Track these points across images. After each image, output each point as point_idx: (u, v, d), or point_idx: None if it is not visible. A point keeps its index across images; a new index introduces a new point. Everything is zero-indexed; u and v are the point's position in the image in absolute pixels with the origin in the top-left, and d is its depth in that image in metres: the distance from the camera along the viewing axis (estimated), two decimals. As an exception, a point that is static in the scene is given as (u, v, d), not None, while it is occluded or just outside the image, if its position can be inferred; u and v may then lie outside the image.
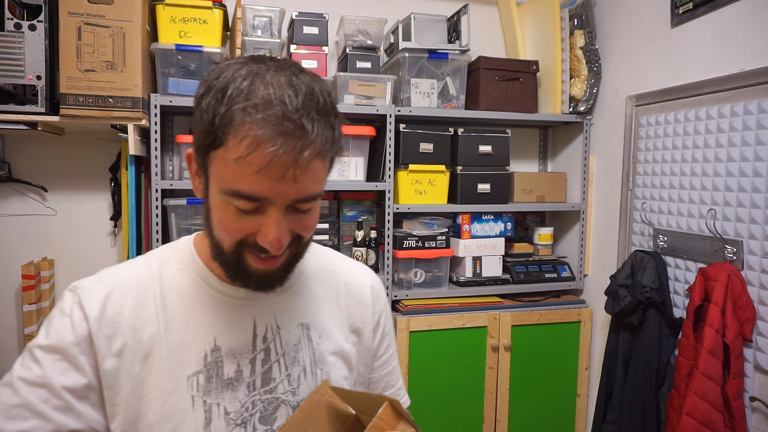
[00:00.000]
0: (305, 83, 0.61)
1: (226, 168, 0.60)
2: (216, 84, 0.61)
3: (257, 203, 0.61)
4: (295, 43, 2.00)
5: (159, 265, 0.74)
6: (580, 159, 2.31)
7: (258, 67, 0.61)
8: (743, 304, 1.48)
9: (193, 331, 0.70)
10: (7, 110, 1.65)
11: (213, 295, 0.73)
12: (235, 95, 0.58)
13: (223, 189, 0.61)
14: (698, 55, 1.71)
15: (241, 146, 0.58)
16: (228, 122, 0.58)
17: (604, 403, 1.94)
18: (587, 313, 2.23)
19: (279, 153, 0.57)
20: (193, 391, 0.68)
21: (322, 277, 0.83)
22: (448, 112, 2.13)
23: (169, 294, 0.71)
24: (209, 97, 0.60)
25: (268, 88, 0.59)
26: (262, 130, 0.57)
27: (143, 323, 0.68)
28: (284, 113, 0.57)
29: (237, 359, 0.71)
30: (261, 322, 0.74)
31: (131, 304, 0.69)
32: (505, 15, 2.45)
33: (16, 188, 2.02)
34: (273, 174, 0.58)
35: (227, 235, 0.64)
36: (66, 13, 1.64)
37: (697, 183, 1.69)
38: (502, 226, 2.25)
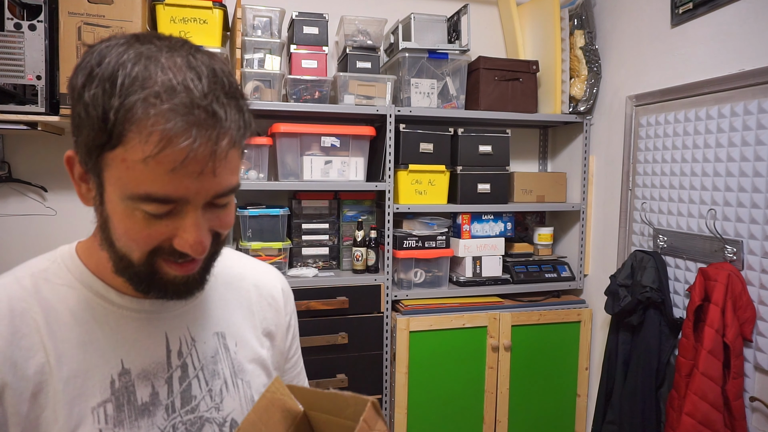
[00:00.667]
0: (205, 64, 0.54)
1: (130, 170, 0.51)
2: (99, 71, 0.51)
3: (171, 205, 0.54)
4: (295, 43, 2.00)
5: (34, 282, 0.62)
6: (580, 159, 2.31)
7: (147, 48, 0.52)
8: (743, 304, 1.48)
9: (93, 356, 0.60)
10: (7, 110, 1.65)
11: (112, 311, 0.63)
12: (128, 84, 0.50)
13: (128, 194, 0.52)
14: (698, 55, 1.71)
15: (149, 144, 0.50)
16: (126, 117, 0.50)
17: (604, 403, 1.94)
18: (587, 313, 2.23)
19: (195, 147, 0.50)
20: (101, 424, 0.59)
21: (232, 281, 0.76)
22: (448, 112, 2.13)
23: (55, 316, 0.60)
24: (93, 87, 0.51)
25: (167, 72, 0.51)
26: (171, 123, 0.50)
27: (24, 354, 0.57)
28: (192, 101, 0.51)
29: (151, 380, 0.63)
30: (173, 335, 0.66)
31: (5, 334, 0.57)
32: (505, 15, 2.45)
33: (15, 188, 2.02)
34: (190, 171, 0.51)
35: (137, 246, 0.56)
36: (66, 13, 1.64)
37: (697, 183, 1.69)
38: (502, 226, 2.25)
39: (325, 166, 2.04)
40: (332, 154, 2.05)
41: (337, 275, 2.05)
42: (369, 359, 2.00)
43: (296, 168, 2.02)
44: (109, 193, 0.55)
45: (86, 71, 0.53)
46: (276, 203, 2.12)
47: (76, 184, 0.60)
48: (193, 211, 0.55)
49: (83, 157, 0.55)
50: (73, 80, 0.54)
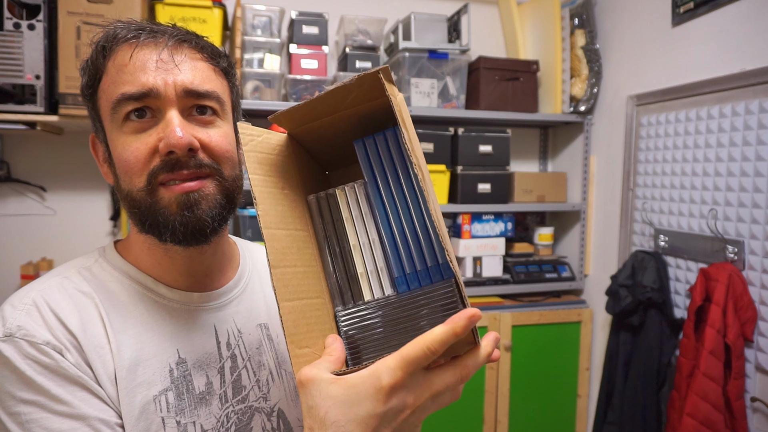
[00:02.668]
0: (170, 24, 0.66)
1: (109, 88, 0.60)
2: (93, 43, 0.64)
3: (146, 101, 0.59)
4: (295, 43, 2.00)
5: (84, 278, 0.63)
6: (580, 159, 2.31)
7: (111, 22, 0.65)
8: (744, 304, 1.48)
9: (150, 346, 0.62)
10: (6, 110, 1.64)
11: (163, 304, 0.65)
12: (98, 41, 0.62)
13: (110, 107, 0.60)
14: (699, 55, 1.71)
15: (125, 55, 0.60)
16: (101, 56, 0.61)
17: (605, 404, 1.93)
18: (588, 313, 2.23)
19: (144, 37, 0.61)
20: (163, 413, 0.60)
21: (267, 275, 0.78)
22: (448, 112, 2.12)
23: (110, 308, 0.61)
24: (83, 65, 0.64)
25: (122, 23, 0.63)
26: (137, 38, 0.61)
27: (98, 343, 0.59)
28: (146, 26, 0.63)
29: (205, 370, 0.65)
30: (221, 327, 0.68)
31: (78, 328, 0.58)
32: (506, 15, 2.44)
33: (14, 188, 2.01)
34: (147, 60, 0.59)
35: (132, 167, 0.59)
36: (65, 12, 1.64)
37: (698, 183, 1.68)
38: (502, 226, 2.25)
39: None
40: (332, 154, 2.05)
41: (337, 275, 2.04)
42: (369, 359, 2.00)
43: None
44: (108, 135, 0.61)
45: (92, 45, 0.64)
46: (276, 203, 2.11)
47: (100, 166, 0.66)
48: (169, 110, 0.59)
49: (93, 120, 0.64)
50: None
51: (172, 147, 0.57)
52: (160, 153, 0.58)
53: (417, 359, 0.42)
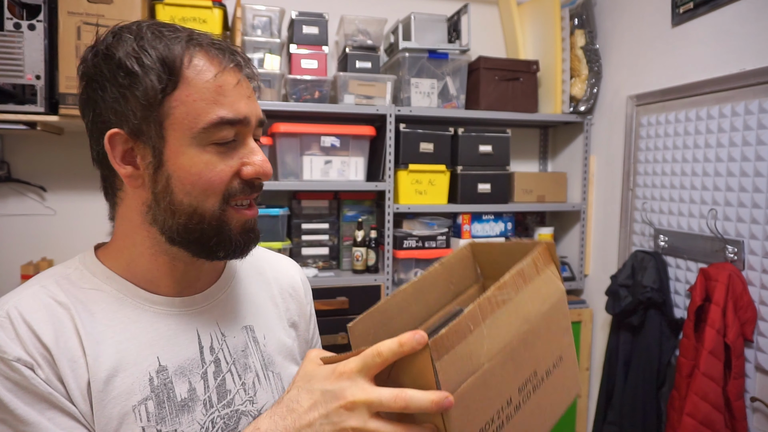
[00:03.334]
0: None
1: (197, 101, 0.58)
2: (132, 37, 0.59)
3: (238, 128, 0.60)
4: (295, 43, 2.00)
5: (62, 288, 0.61)
6: (580, 159, 2.31)
7: (149, 21, 0.62)
8: (744, 304, 1.48)
9: (129, 355, 0.61)
10: (6, 110, 1.64)
11: (144, 309, 0.64)
12: (167, 34, 0.59)
13: (201, 126, 0.58)
14: (699, 55, 1.71)
15: (208, 71, 0.59)
16: (176, 60, 0.58)
17: (605, 404, 1.93)
18: (588, 313, 2.23)
19: (243, 68, 0.61)
20: (143, 422, 0.59)
21: (253, 275, 0.78)
22: (448, 112, 2.12)
23: (87, 317, 0.60)
24: (139, 48, 0.58)
25: (185, 28, 0.61)
26: (216, 50, 0.60)
27: (72, 356, 0.57)
28: (216, 39, 0.61)
29: (187, 376, 0.63)
30: (204, 331, 0.67)
31: (51, 340, 0.57)
32: (505, 15, 2.44)
33: (15, 188, 2.01)
34: (243, 92, 0.61)
35: (212, 189, 0.60)
36: (65, 12, 1.64)
37: (697, 183, 1.69)
38: (502, 226, 2.25)
39: (325, 166, 2.03)
40: (332, 154, 2.05)
41: (337, 275, 2.05)
42: (369, 359, 2.00)
43: (296, 168, 2.01)
44: (173, 144, 0.59)
45: (116, 44, 0.59)
46: (276, 203, 2.11)
47: (120, 167, 0.61)
48: (249, 137, 0.62)
49: (137, 120, 0.58)
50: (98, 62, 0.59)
51: (262, 175, 0.62)
52: (243, 177, 0.62)
53: (367, 358, 0.49)
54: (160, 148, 0.59)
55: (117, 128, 0.59)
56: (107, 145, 0.60)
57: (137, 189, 0.62)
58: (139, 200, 0.62)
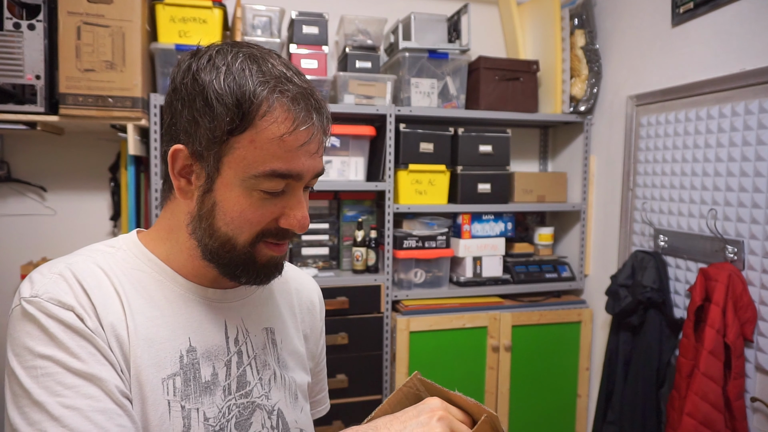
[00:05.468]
0: (292, 64, 0.65)
1: (258, 150, 0.60)
2: (222, 67, 0.60)
3: (287, 182, 0.62)
4: (295, 43, 2.00)
5: (106, 260, 0.65)
6: (580, 159, 2.31)
7: (248, 50, 0.63)
8: (744, 304, 1.48)
9: (164, 330, 0.64)
10: (6, 110, 1.64)
11: (180, 294, 0.68)
12: (256, 73, 0.59)
13: (252, 173, 0.60)
14: (699, 55, 1.71)
15: (283, 125, 0.59)
16: (257, 101, 0.59)
17: (605, 404, 1.94)
18: (587, 313, 2.23)
19: (315, 129, 0.61)
20: (169, 396, 0.62)
21: (278, 284, 0.81)
22: (449, 112, 2.12)
23: (129, 289, 0.64)
24: (222, 80, 0.59)
25: (278, 67, 0.61)
26: (299, 107, 0.60)
27: (117, 319, 0.61)
28: (305, 91, 0.61)
29: (212, 361, 0.67)
30: (231, 324, 0.71)
31: (100, 302, 0.60)
32: (505, 15, 2.44)
33: (15, 188, 2.01)
34: (309, 149, 0.62)
35: (249, 226, 0.63)
36: (65, 12, 1.64)
37: (697, 183, 1.69)
38: (502, 226, 2.25)
39: (325, 166, 2.03)
40: (332, 154, 2.05)
41: (337, 275, 2.05)
42: (369, 359, 2.00)
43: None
44: (225, 178, 0.61)
45: (206, 68, 0.60)
46: (276, 203, 2.11)
47: (175, 179, 0.64)
48: (299, 189, 0.64)
49: (201, 147, 0.61)
50: (187, 79, 0.62)
51: (297, 230, 0.65)
52: (280, 224, 0.64)
53: None
54: (213, 177, 0.62)
55: (183, 145, 0.63)
56: (170, 157, 0.64)
57: (186, 200, 0.66)
58: (187, 208, 0.66)
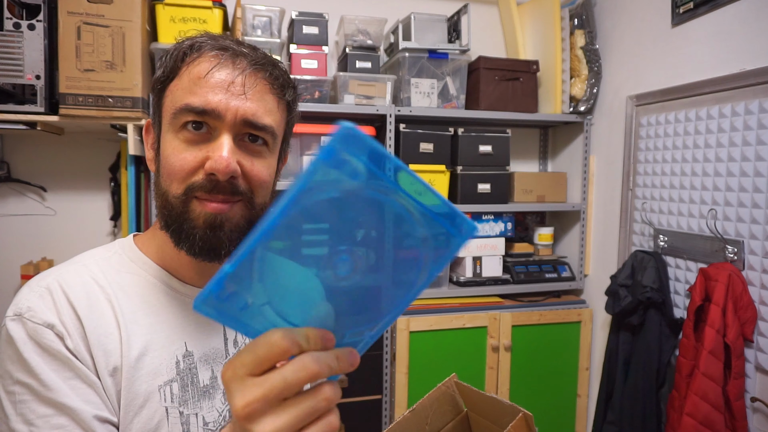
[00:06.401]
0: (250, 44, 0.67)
1: (178, 90, 0.62)
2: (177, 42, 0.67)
3: (205, 118, 0.60)
4: (295, 43, 2.00)
5: (101, 268, 0.65)
6: (580, 159, 2.31)
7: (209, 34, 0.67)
8: (744, 304, 1.48)
9: (160, 336, 0.64)
10: (6, 110, 1.64)
11: (175, 297, 0.67)
12: (188, 40, 0.65)
13: (173, 112, 0.61)
14: (699, 55, 1.71)
15: (204, 65, 0.62)
16: (179, 60, 0.63)
17: (605, 404, 1.93)
18: (587, 313, 2.23)
19: (225, 58, 0.62)
20: (167, 402, 0.62)
21: None
22: (448, 112, 2.12)
23: (123, 297, 0.64)
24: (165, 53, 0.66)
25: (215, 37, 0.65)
26: (224, 53, 0.62)
27: (104, 332, 0.60)
28: (231, 45, 0.64)
29: (210, 365, 0.67)
30: None
31: (86, 314, 0.60)
32: (505, 15, 2.44)
33: (15, 188, 2.01)
34: (220, 81, 0.61)
35: (175, 173, 0.61)
36: (65, 12, 1.64)
37: (697, 183, 1.69)
38: (502, 226, 2.25)
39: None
40: (332, 154, 2.05)
41: (337, 275, 2.04)
42: (369, 360, 2.00)
43: (296, 168, 2.01)
44: (163, 129, 0.63)
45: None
46: (276, 203, 2.11)
47: (147, 152, 0.68)
48: (224, 134, 0.61)
49: (153, 108, 0.66)
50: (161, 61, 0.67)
51: (216, 171, 0.59)
52: (204, 171, 0.60)
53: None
54: (158, 134, 0.65)
55: (150, 119, 0.68)
56: (144, 132, 0.67)
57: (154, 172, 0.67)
58: None
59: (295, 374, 0.36)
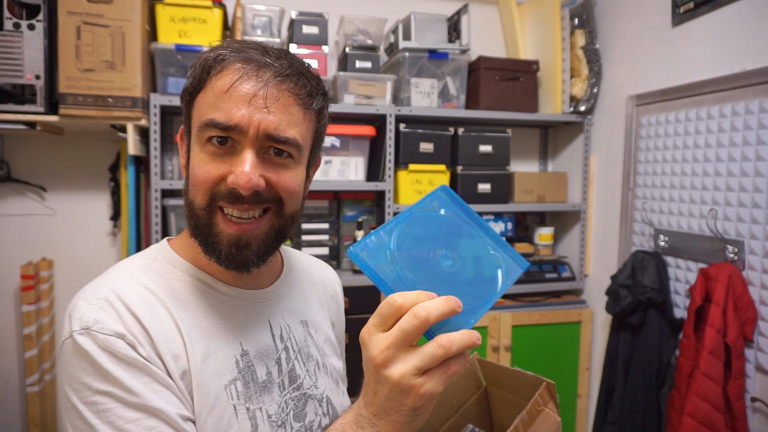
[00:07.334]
0: (280, 49, 0.67)
1: (206, 103, 0.63)
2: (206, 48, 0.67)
3: (229, 133, 0.61)
4: (295, 43, 2.00)
5: (147, 276, 0.66)
6: (580, 159, 2.31)
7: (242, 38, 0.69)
8: (744, 304, 1.48)
9: (217, 339, 0.66)
10: (6, 110, 1.64)
11: (223, 299, 0.69)
12: (213, 50, 0.65)
13: (198, 125, 0.63)
14: (699, 55, 1.71)
15: (229, 77, 0.62)
16: (206, 71, 0.64)
17: (605, 404, 1.93)
18: (588, 313, 2.23)
19: (248, 70, 0.62)
20: (234, 400, 0.64)
21: (303, 276, 0.85)
22: (449, 112, 2.12)
23: (176, 303, 0.65)
24: (200, 55, 0.66)
25: (249, 42, 0.66)
26: (248, 66, 0.62)
27: (169, 338, 0.62)
28: (255, 56, 0.64)
29: (265, 361, 0.70)
30: (275, 322, 0.74)
31: (149, 322, 0.61)
32: (506, 14, 2.44)
33: (15, 188, 2.01)
34: (243, 95, 0.61)
35: (200, 185, 0.63)
36: (65, 12, 1.64)
37: (698, 183, 1.68)
38: (502, 226, 2.25)
39: (325, 166, 2.03)
40: (332, 154, 2.05)
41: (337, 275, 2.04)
42: (369, 359, 2.00)
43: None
44: (192, 140, 0.65)
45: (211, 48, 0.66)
46: (276, 203, 2.11)
47: (182, 157, 0.70)
48: (247, 149, 0.62)
49: (185, 117, 0.67)
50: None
51: (237, 186, 0.61)
52: (228, 182, 0.62)
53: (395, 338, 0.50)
54: (188, 144, 0.67)
55: (183, 126, 0.69)
56: (178, 139, 0.68)
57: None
58: None
59: (410, 322, 0.48)
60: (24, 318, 1.90)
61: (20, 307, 1.94)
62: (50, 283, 2.02)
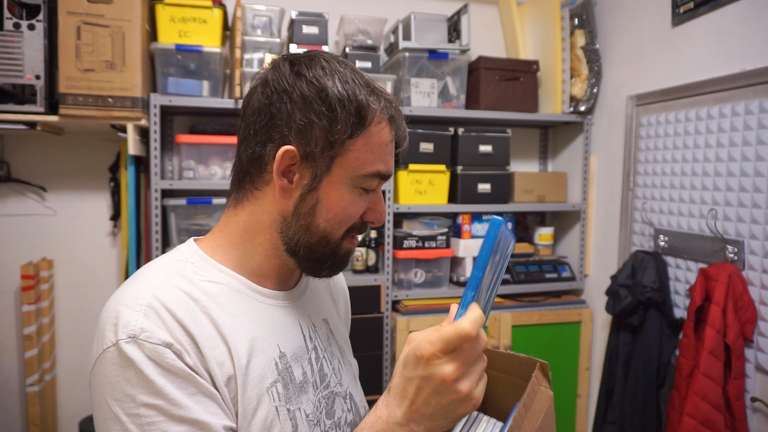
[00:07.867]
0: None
1: (369, 152, 0.66)
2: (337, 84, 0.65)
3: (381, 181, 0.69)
4: (295, 43, 2.00)
5: (184, 280, 0.65)
6: (580, 159, 2.31)
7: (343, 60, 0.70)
8: (744, 304, 1.48)
9: (257, 341, 0.67)
10: (6, 110, 1.64)
11: (260, 302, 0.70)
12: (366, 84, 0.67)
13: (362, 173, 0.66)
14: (699, 55, 1.71)
15: (388, 132, 0.68)
16: (368, 115, 0.65)
17: (605, 404, 1.93)
18: (588, 313, 2.23)
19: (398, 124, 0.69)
20: (276, 402, 0.66)
21: None
22: (449, 112, 2.12)
23: (216, 307, 0.65)
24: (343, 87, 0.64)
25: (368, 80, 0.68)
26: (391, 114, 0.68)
27: (211, 344, 0.62)
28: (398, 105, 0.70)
29: (299, 362, 0.71)
30: (304, 323, 0.75)
31: (192, 329, 0.61)
32: (505, 15, 2.44)
33: (15, 188, 2.01)
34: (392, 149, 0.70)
35: (347, 221, 0.69)
36: (65, 12, 1.64)
37: (698, 183, 1.69)
38: (502, 226, 2.25)
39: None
40: (332, 154, 2.05)
41: (337, 275, 2.04)
42: (369, 360, 2.00)
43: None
44: (334, 177, 0.66)
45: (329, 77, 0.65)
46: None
47: (278, 178, 0.66)
48: (380, 187, 0.71)
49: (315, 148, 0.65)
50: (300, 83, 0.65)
51: (378, 222, 0.72)
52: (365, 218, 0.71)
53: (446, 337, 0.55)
54: (321, 177, 0.66)
55: (293, 147, 0.65)
56: (279, 157, 0.64)
57: (282, 200, 0.67)
58: (277, 209, 0.68)
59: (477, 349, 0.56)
60: (24, 318, 1.90)
61: (20, 307, 1.95)
62: (50, 283, 2.02)
